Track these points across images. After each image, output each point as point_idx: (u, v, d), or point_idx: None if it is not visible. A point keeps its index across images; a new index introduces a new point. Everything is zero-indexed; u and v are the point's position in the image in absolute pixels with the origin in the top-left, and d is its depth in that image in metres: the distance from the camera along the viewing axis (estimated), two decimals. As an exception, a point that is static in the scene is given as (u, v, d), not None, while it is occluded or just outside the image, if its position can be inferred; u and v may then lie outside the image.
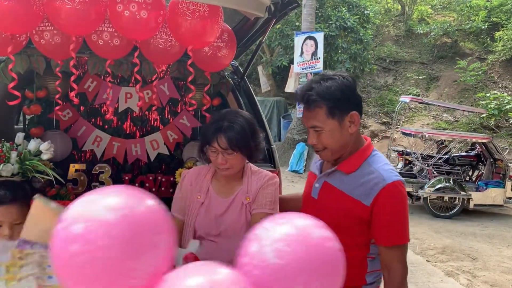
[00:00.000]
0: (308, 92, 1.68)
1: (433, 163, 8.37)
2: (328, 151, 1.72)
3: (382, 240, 1.70)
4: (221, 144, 1.84)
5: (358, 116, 1.70)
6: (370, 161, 1.73)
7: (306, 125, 1.73)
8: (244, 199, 1.96)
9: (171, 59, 2.50)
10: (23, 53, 2.57)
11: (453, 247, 6.33)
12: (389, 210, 1.66)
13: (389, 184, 1.65)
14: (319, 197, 1.83)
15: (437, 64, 18.30)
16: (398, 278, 1.68)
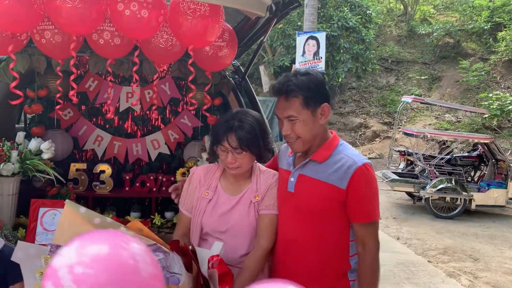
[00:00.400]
0: (287, 83, 1.80)
1: (435, 164, 8.35)
2: (300, 141, 1.83)
3: (357, 218, 1.83)
4: (231, 143, 1.86)
5: (329, 108, 1.85)
6: (339, 149, 1.87)
7: (281, 116, 1.83)
8: (253, 197, 1.96)
9: (172, 59, 2.49)
10: (24, 52, 2.57)
11: (454, 248, 6.31)
12: (363, 190, 1.81)
13: (360, 166, 1.80)
14: (296, 190, 1.89)
15: (439, 64, 18.25)
16: (372, 251, 1.83)
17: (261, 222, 1.95)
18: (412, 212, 8.29)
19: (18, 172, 2.65)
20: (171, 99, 3.54)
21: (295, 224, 1.91)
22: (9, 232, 2.50)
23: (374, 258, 1.85)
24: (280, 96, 1.82)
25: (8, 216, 2.64)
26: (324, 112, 1.83)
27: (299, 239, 1.91)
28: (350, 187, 1.79)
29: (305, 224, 1.89)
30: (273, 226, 1.96)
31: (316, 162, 1.87)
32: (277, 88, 1.83)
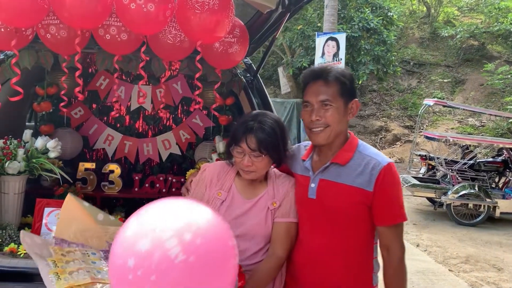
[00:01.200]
0: (327, 68, 1.78)
1: (457, 169, 8.08)
2: (328, 130, 1.76)
3: (383, 220, 1.77)
4: (250, 145, 1.78)
5: (358, 106, 1.82)
6: (360, 150, 1.81)
7: (314, 100, 1.76)
8: (270, 203, 1.87)
9: (181, 55, 2.40)
10: (31, 48, 2.51)
11: (477, 257, 6.07)
12: (390, 190, 1.75)
13: (385, 165, 1.74)
14: (318, 196, 1.80)
15: (463, 67, 17.82)
16: (397, 255, 1.77)
17: (277, 230, 1.86)
18: (433, 218, 8.04)
19: (24, 171, 2.59)
20: (182, 98, 3.46)
21: (320, 231, 1.82)
22: (14, 232, 2.44)
23: (400, 262, 1.78)
24: (317, 80, 1.78)
25: (14, 215, 2.59)
26: (353, 108, 1.81)
27: (325, 247, 1.81)
28: (377, 189, 1.73)
29: (330, 231, 1.80)
30: (290, 235, 1.87)
31: (338, 165, 1.80)
32: (317, 72, 1.79)
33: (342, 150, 1.82)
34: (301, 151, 1.98)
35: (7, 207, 2.55)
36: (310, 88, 1.80)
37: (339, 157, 1.80)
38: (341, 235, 1.79)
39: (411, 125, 15.22)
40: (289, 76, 14.86)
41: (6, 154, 2.49)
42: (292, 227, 1.88)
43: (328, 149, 1.84)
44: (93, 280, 1.55)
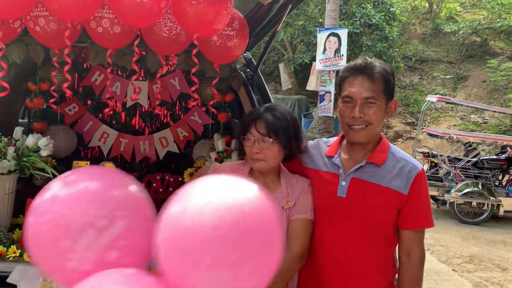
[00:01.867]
0: (372, 64, 1.71)
1: (461, 166, 7.97)
2: (369, 129, 1.71)
3: (412, 224, 1.74)
4: (259, 129, 1.75)
5: (397, 105, 1.80)
6: (392, 151, 1.79)
7: (359, 96, 1.69)
8: (284, 202, 1.80)
9: (177, 49, 2.28)
10: (21, 41, 2.40)
11: (481, 256, 5.98)
12: (423, 195, 1.73)
13: (420, 170, 1.74)
14: (349, 195, 1.75)
15: (465, 63, 17.69)
16: (418, 260, 1.75)
17: (293, 226, 1.78)
18: (436, 216, 7.93)
19: (14, 170, 2.49)
20: (180, 94, 3.35)
21: (346, 232, 1.75)
22: (3, 234, 2.34)
23: (419, 267, 1.77)
24: (361, 74, 1.71)
25: (4, 216, 2.48)
26: (391, 108, 1.77)
27: (352, 248, 1.74)
28: (412, 193, 1.72)
29: (358, 232, 1.73)
30: (305, 231, 1.79)
31: (374, 165, 1.76)
32: (361, 66, 1.72)
33: (377, 150, 1.78)
34: (322, 147, 1.90)
35: (-3, 208, 2.45)
36: (353, 82, 1.72)
37: (375, 157, 1.76)
38: (370, 236, 1.73)
39: (413, 122, 15.11)
40: (290, 72, 14.74)
41: (-4, 152, 2.39)
42: (309, 224, 1.80)
43: (362, 148, 1.77)
44: None
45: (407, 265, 1.75)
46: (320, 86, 9.65)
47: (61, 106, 3.17)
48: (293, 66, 14.21)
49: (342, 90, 1.77)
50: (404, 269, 1.77)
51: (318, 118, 11.55)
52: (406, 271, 1.76)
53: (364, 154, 1.77)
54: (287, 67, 14.59)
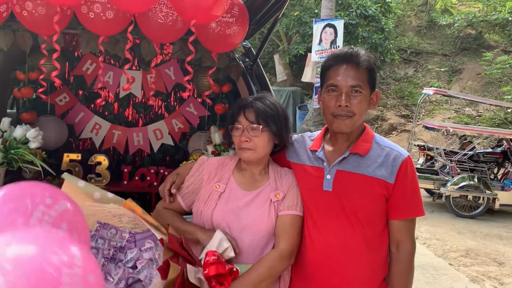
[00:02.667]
0: (357, 52, 1.67)
1: (457, 160, 7.93)
2: (353, 120, 1.66)
3: (400, 214, 1.69)
4: (247, 116, 1.69)
5: (379, 97, 1.74)
6: (377, 141, 1.75)
7: (344, 84, 1.64)
8: (273, 195, 1.72)
9: (173, 37, 2.17)
10: (7, 27, 2.27)
11: (477, 250, 5.94)
12: (410, 183, 1.67)
13: (406, 158, 1.69)
14: (335, 188, 1.68)
15: (460, 56, 17.64)
16: (408, 250, 1.69)
17: (281, 223, 1.70)
18: (431, 210, 7.90)
19: (2, 163, 2.38)
20: (175, 85, 3.24)
21: (336, 226, 1.67)
22: (-10, 229, 2.23)
23: (409, 259, 1.71)
24: (346, 63, 1.66)
25: (-10, 211, 2.37)
26: (373, 99, 1.73)
27: (342, 243, 1.67)
28: (398, 181, 1.66)
29: (348, 225, 1.66)
30: (295, 228, 1.71)
31: (358, 156, 1.70)
32: (346, 54, 1.67)
33: (360, 140, 1.72)
34: (306, 141, 1.83)
35: (-17, 202, 2.34)
36: (337, 71, 1.67)
37: (358, 147, 1.70)
38: (360, 229, 1.66)
39: (408, 115, 15.07)
40: (285, 64, 14.61)
41: (-19, 144, 2.27)
42: (298, 220, 1.72)
43: (345, 140, 1.71)
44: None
45: (396, 256, 1.70)
46: (315, 77, 9.54)
47: (51, 96, 3.05)
48: (288, 57, 14.08)
49: (326, 79, 1.70)
50: (393, 261, 1.71)
51: (313, 110, 11.46)
52: (395, 262, 1.70)
53: (347, 145, 1.72)
54: (282, 58, 14.46)
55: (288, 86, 14.62)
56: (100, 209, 1.61)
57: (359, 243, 1.66)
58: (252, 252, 1.68)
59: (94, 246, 1.51)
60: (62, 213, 1.14)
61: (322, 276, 1.70)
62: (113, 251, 1.52)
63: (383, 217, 1.70)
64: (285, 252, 1.66)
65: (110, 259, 1.51)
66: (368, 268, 1.69)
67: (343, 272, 1.68)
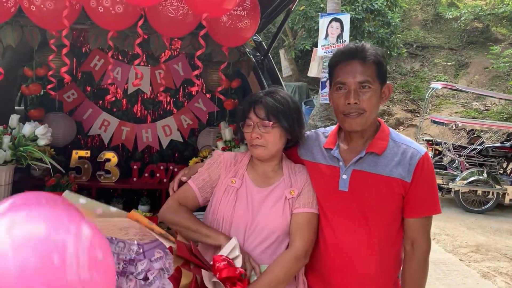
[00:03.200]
0: (362, 47, 1.62)
1: (466, 154, 7.85)
2: (364, 117, 1.61)
3: (416, 212, 1.64)
4: (258, 113, 1.65)
5: (391, 90, 1.69)
6: (393, 138, 1.70)
7: (352, 80, 1.60)
8: (287, 192, 1.68)
9: (183, 31, 2.13)
10: (15, 22, 2.24)
11: (488, 246, 5.89)
12: (427, 181, 1.63)
13: (423, 155, 1.64)
14: (352, 188, 1.65)
15: (466, 50, 17.49)
16: (423, 248, 1.65)
17: (296, 221, 1.66)
18: (440, 205, 7.80)
19: (11, 160, 2.35)
20: (184, 80, 3.20)
21: (352, 227, 1.64)
22: (0, 227, 2.21)
23: (424, 257, 1.66)
24: (353, 59, 1.61)
25: (0, 209, 2.35)
26: (385, 93, 1.67)
27: (357, 244, 1.63)
28: (415, 179, 1.61)
29: (365, 226, 1.63)
30: (311, 226, 1.67)
31: (375, 155, 1.65)
32: (352, 50, 1.62)
33: (376, 138, 1.67)
34: (320, 138, 1.78)
35: (-7, 200, 2.32)
36: (344, 68, 1.62)
37: (374, 146, 1.65)
38: (377, 229, 1.62)
39: (414, 109, 14.97)
40: (290, 59, 14.54)
41: (-10, 142, 2.25)
42: (314, 218, 1.68)
43: (359, 137, 1.66)
44: None
45: (411, 254, 1.65)
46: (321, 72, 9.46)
47: (59, 92, 3.02)
48: (294, 53, 14.00)
49: (333, 77, 1.66)
50: (407, 259, 1.67)
51: (320, 105, 11.40)
52: (410, 260, 1.66)
53: (363, 143, 1.68)
54: (288, 53, 14.39)
55: (294, 81, 14.57)
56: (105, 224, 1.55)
57: (374, 244, 1.63)
58: (265, 251, 1.65)
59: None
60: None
61: (337, 278, 1.68)
62: (123, 265, 1.47)
63: (399, 216, 1.67)
64: (300, 251, 1.62)
65: (121, 273, 1.47)
66: (383, 268, 1.66)
67: (358, 274, 1.65)
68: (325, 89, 9.20)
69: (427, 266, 1.68)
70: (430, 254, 1.69)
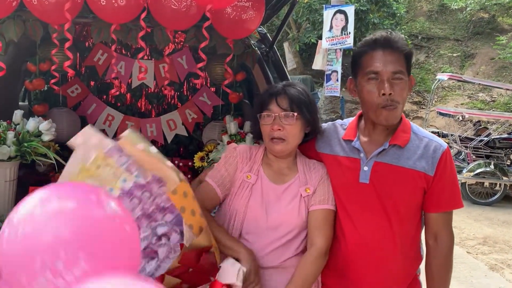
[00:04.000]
0: (391, 35, 1.59)
1: (472, 146, 7.79)
2: (398, 110, 1.59)
3: (438, 206, 1.63)
4: (281, 104, 1.61)
5: (414, 82, 1.66)
6: (414, 131, 1.68)
7: (384, 70, 1.55)
8: (303, 190, 1.66)
9: (187, 23, 2.10)
10: (17, 17, 2.22)
11: (495, 238, 5.85)
12: (449, 175, 1.62)
13: (446, 149, 1.64)
14: (373, 180, 1.62)
15: (472, 40, 17.33)
16: (447, 243, 1.65)
17: (313, 218, 1.64)
18: (447, 197, 7.80)
19: (15, 156, 2.34)
20: (188, 74, 3.17)
21: (372, 220, 1.62)
22: (6, 223, 2.21)
23: (448, 252, 1.67)
24: (384, 48, 1.57)
25: (5, 205, 2.34)
26: (410, 84, 1.64)
27: (377, 238, 1.62)
28: (438, 173, 1.60)
29: (385, 219, 1.61)
30: (328, 223, 1.65)
31: (397, 147, 1.63)
32: (385, 39, 1.58)
33: (399, 130, 1.65)
34: (339, 130, 1.75)
35: (-2, 196, 2.31)
36: (375, 56, 1.57)
37: (398, 138, 1.63)
38: (397, 222, 1.61)
39: (420, 101, 14.88)
40: (295, 52, 14.47)
41: (-5, 137, 2.24)
42: (330, 214, 1.66)
43: (384, 129, 1.64)
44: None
45: (434, 249, 1.65)
46: (326, 65, 9.39)
47: (63, 87, 2.99)
48: (298, 45, 13.93)
49: (362, 66, 1.61)
50: (431, 254, 1.67)
51: (325, 98, 11.35)
52: (433, 256, 1.66)
53: (386, 136, 1.65)
54: (292, 46, 14.31)
55: (298, 74, 14.51)
56: (157, 166, 1.46)
57: (394, 238, 1.61)
58: (276, 251, 1.63)
59: (139, 196, 1.41)
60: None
61: (355, 272, 1.66)
62: (154, 208, 1.43)
63: (419, 211, 1.67)
64: (323, 249, 1.62)
65: (146, 216, 1.43)
66: (402, 263, 1.65)
67: (377, 268, 1.63)
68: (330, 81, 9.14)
69: (452, 260, 1.68)
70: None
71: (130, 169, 1.40)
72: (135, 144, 1.42)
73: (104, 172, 1.37)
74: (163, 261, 1.40)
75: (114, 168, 1.38)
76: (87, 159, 1.39)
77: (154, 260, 1.39)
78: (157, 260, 1.39)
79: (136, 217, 1.40)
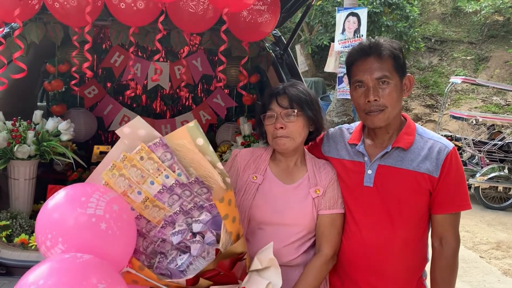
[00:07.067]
0: (376, 42, 1.61)
1: (486, 150, 7.72)
2: (385, 113, 1.59)
3: (444, 208, 1.62)
4: (281, 103, 1.63)
5: (413, 81, 1.67)
6: (419, 133, 1.67)
7: (369, 77, 1.58)
8: (313, 191, 1.65)
9: (204, 26, 2.14)
10: (39, 20, 2.28)
11: (509, 243, 5.79)
12: (455, 176, 1.60)
13: (451, 150, 1.61)
14: (377, 183, 1.63)
15: (487, 44, 17.15)
16: (452, 246, 1.63)
17: (322, 223, 1.65)
18: (460, 201, 7.73)
19: (34, 155, 2.39)
20: (203, 76, 3.21)
21: (376, 223, 1.62)
22: (25, 221, 2.26)
23: (453, 254, 1.64)
24: (368, 56, 1.60)
25: (25, 203, 2.40)
26: (407, 85, 1.65)
27: (383, 240, 1.62)
28: (443, 175, 1.58)
29: (389, 222, 1.61)
30: (336, 228, 1.66)
31: (401, 150, 1.63)
32: (366, 47, 1.61)
33: (402, 133, 1.65)
34: (345, 134, 1.77)
35: (17, 194, 2.37)
36: (360, 66, 1.61)
37: (401, 141, 1.63)
38: (402, 225, 1.60)
39: (433, 104, 14.77)
40: (307, 54, 14.47)
41: (15, 137, 2.29)
42: (339, 218, 1.67)
43: (384, 132, 1.64)
44: (124, 193, 1.42)
45: (439, 251, 1.63)
46: (338, 67, 9.37)
47: (80, 88, 3.06)
48: (311, 48, 13.93)
49: (351, 76, 1.65)
50: (436, 256, 1.65)
51: (336, 101, 11.33)
52: (439, 257, 1.64)
53: (388, 138, 1.66)
54: (304, 48, 14.32)
55: (310, 76, 14.50)
56: (205, 168, 1.48)
57: (398, 240, 1.61)
58: (287, 251, 1.64)
59: (179, 193, 1.44)
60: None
61: (359, 274, 1.66)
62: (192, 206, 1.46)
63: (426, 213, 1.65)
64: (329, 256, 1.64)
65: (184, 212, 1.46)
66: (406, 266, 1.65)
67: (381, 271, 1.64)
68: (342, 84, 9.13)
69: (457, 263, 1.66)
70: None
71: (173, 167, 1.43)
72: (195, 138, 1.44)
73: (148, 164, 1.41)
74: (196, 259, 1.42)
75: (158, 163, 1.41)
76: (131, 149, 1.42)
77: (186, 255, 1.43)
78: (189, 256, 1.42)
79: (174, 211, 1.44)
